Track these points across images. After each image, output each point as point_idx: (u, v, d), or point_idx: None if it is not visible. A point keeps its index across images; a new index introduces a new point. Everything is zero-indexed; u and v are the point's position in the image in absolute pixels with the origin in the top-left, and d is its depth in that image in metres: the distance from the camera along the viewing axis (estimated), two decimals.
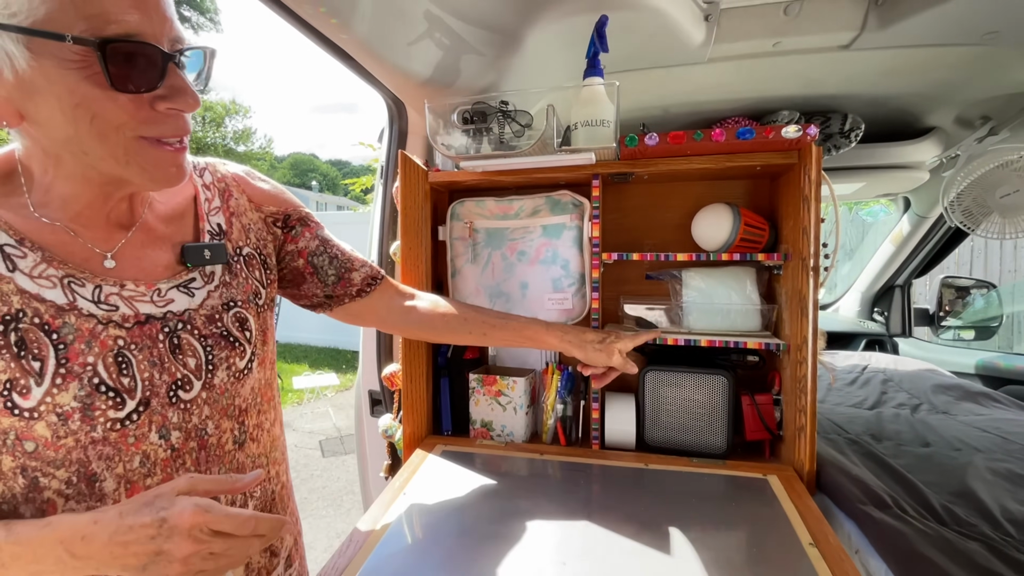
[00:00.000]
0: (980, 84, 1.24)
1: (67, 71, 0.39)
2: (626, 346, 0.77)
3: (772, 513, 0.75)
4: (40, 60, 0.39)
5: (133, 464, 0.47)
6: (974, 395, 1.52)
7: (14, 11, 0.37)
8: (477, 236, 1.12)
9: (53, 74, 0.39)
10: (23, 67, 0.39)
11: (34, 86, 0.39)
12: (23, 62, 0.38)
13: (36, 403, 0.42)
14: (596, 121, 0.86)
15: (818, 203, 0.83)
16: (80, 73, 0.39)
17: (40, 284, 0.44)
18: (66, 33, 0.38)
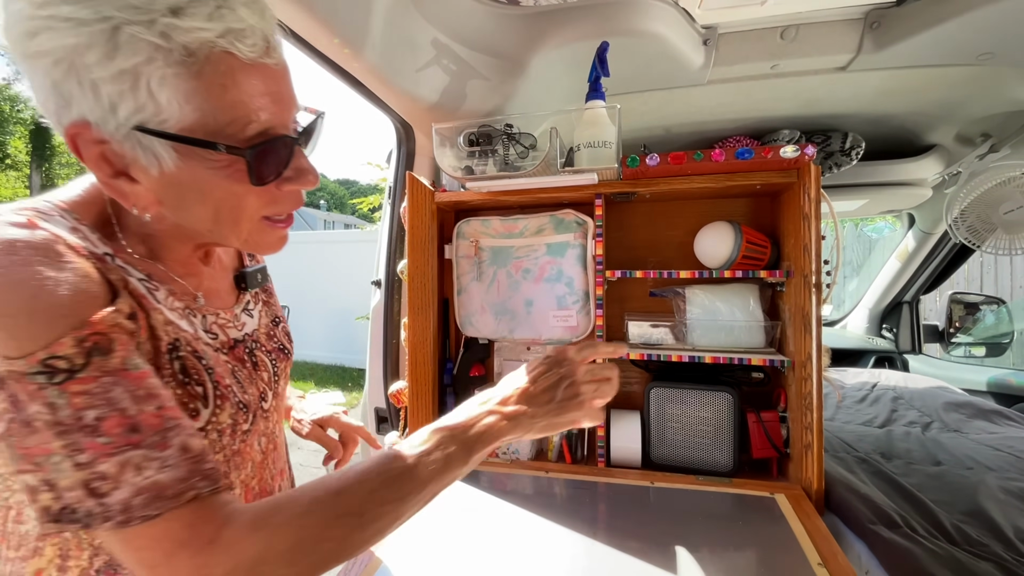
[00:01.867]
0: (979, 103, 1.26)
1: (211, 170, 0.42)
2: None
3: (780, 532, 0.74)
4: (186, 160, 0.41)
5: (247, 469, 0.54)
6: (986, 413, 1.50)
7: (164, 118, 0.39)
8: (483, 254, 1.13)
9: (198, 173, 0.42)
10: (170, 166, 0.41)
11: (178, 181, 0.42)
12: (170, 162, 0.41)
13: (203, 423, 0.46)
14: (598, 142, 0.89)
15: (818, 220, 0.85)
16: (223, 172, 0.42)
17: (175, 316, 0.47)
18: (217, 142, 0.40)
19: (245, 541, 0.38)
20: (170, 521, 0.37)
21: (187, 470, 0.38)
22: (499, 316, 1.12)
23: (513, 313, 1.11)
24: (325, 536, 0.40)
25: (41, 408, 0.35)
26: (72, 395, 0.36)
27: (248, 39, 0.39)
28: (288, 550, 0.38)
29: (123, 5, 0.36)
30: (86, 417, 0.36)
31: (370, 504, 0.42)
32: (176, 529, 0.37)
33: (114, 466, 0.36)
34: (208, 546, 0.37)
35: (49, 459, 0.35)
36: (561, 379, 0.53)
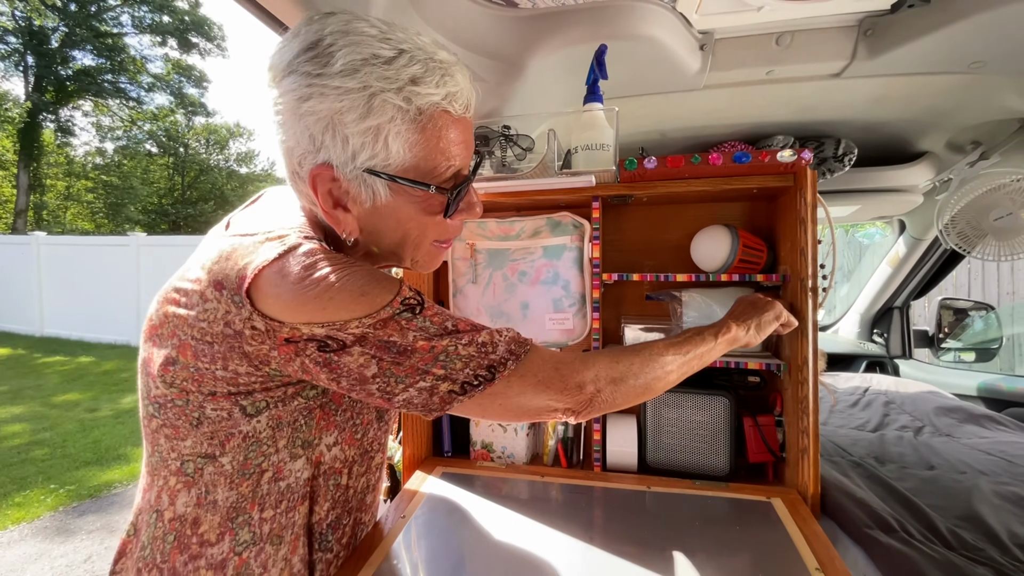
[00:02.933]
0: (970, 110, 1.27)
1: (411, 204, 0.54)
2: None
3: (777, 537, 0.74)
4: (396, 196, 0.53)
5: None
6: (977, 417, 1.51)
7: (390, 162, 0.51)
8: (478, 257, 1.13)
9: (400, 205, 0.54)
10: (382, 200, 0.53)
11: (381, 212, 0.54)
12: (383, 197, 0.53)
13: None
14: (596, 145, 0.89)
15: (814, 225, 0.85)
16: (420, 205, 0.54)
17: None
18: (428, 182, 0.53)
19: (603, 360, 0.58)
20: (542, 353, 0.55)
21: (516, 331, 0.56)
22: (495, 319, 1.11)
23: (509, 316, 1.10)
24: (642, 378, 0.60)
25: (417, 332, 0.50)
26: (431, 316, 0.51)
27: (459, 100, 0.52)
28: (628, 372, 0.59)
29: (380, 77, 0.48)
30: (447, 325, 0.52)
31: (671, 359, 0.63)
32: (548, 356, 0.55)
33: (485, 336, 0.53)
34: (577, 361, 0.57)
35: (437, 360, 0.50)
36: (757, 305, 0.78)
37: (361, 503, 0.67)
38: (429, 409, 0.51)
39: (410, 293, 0.51)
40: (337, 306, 0.47)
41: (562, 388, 0.54)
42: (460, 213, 0.58)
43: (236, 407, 0.52)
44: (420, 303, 0.51)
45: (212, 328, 0.49)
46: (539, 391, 0.53)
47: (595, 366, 0.57)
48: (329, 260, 0.50)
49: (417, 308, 0.50)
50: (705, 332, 0.69)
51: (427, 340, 0.49)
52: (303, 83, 0.48)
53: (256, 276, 0.48)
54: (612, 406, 0.58)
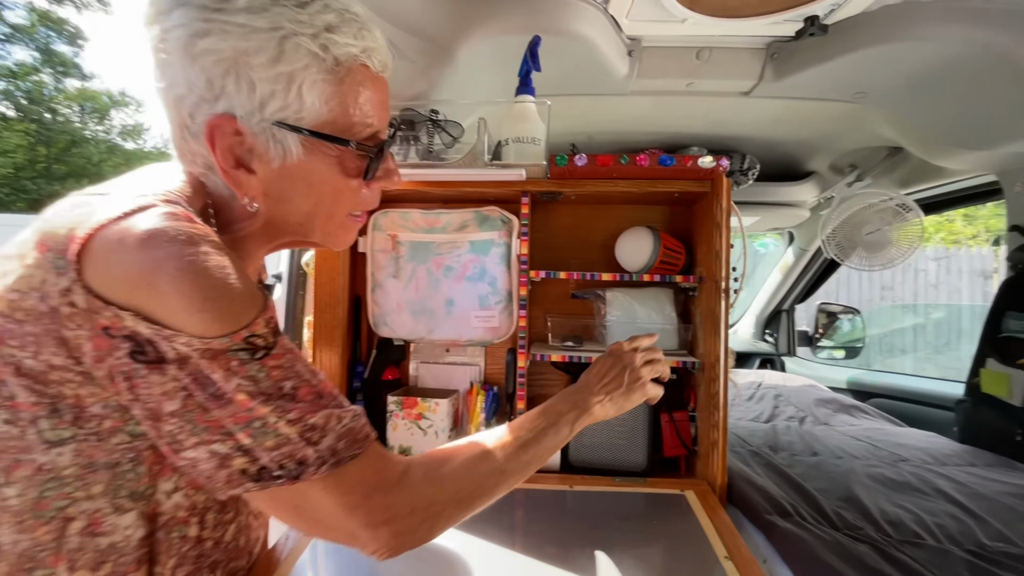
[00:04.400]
0: (850, 137, 1.44)
1: (327, 165, 0.47)
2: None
3: (690, 528, 0.77)
4: (309, 155, 0.46)
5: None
6: (847, 408, 1.72)
7: (303, 115, 0.44)
8: (401, 249, 1.06)
9: (314, 166, 0.47)
10: (293, 159, 0.46)
11: (292, 174, 0.47)
12: (295, 155, 0.46)
13: None
14: (527, 138, 0.87)
15: (728, 230, 0.90)
16: (337, 167, 0.48)
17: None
18: (348, 139, 0.47)
19: (420, 486, 0.46)
20: (364, 466, 0.44)
21: (363, 421, 0.45)
22: (417, 316, 1.05)
23: (432, 312, 1.05)
24: (479, 485, 0.50)
25: (243, 380, 0.39)
26: (271, 368, 0.41)
27: (378, 56, 0.48)
28: (452, 496, 0.48)
29: (292, 19, 0.42)
30: (285, 387, 0.41)
31: (508, 462, 0.52)
32: (369, 474, 0.44)
33: (321, 419, 0.42)
34: (395, 488, 0.45)
35: (249, 425, 0.39)
36: (624, 368, 0.65)
37: (232, 551, 0.53)
38: (212, 483, 0.40)
39: (263, 330, 0.41)
40: (176, 306, 0.37)
41: (368, 518, 0.43)
42: (379, 180, 0.52)
43: (32, 427, 0.39)
44: (267, 347, 0.41)
45: (24, 301, 0.38)
46: (341, 514, 0.42)
47: (415, 493, 0.46)
48: (191, 238, 0.39)
49: (260, 352, 0.40)
50: (560, 421, 0.58)
51: (250, 396, 0.39)
52: (198, 17, 0.40)
53: (90, 237, 0.37)
54: (422, 541, 0.46)
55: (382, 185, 0.53)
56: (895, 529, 0.79)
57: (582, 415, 0.60)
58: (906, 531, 0.79)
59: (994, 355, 1.23)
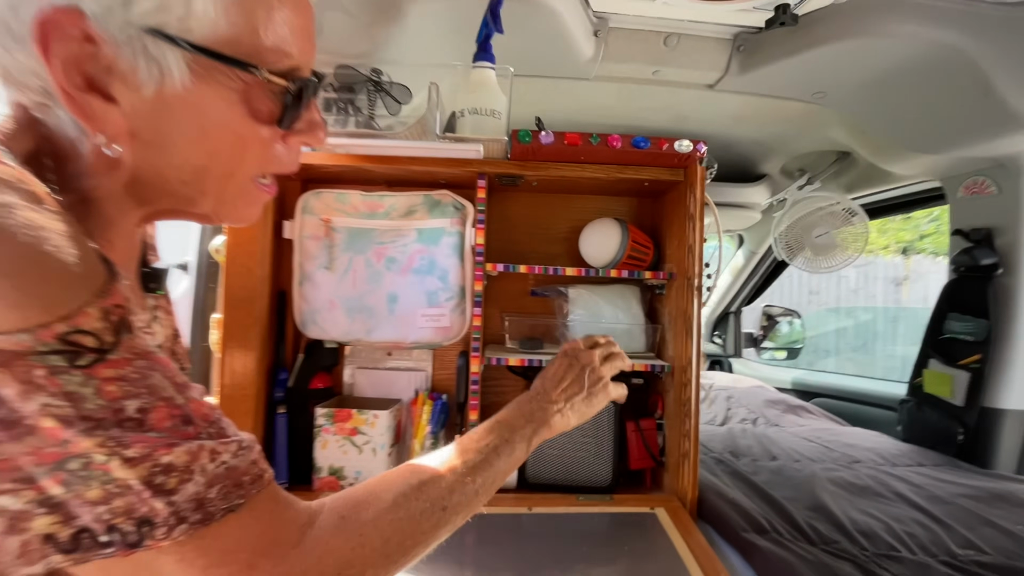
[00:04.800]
0: (804, 139, 1.45)
1: (226, 101, 0.35)
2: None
3: (664, 553, 0.69)
4: (200, 84, 0.33)
5: None
6: (794, 408, 1.74)
7: (191, 26, 0.32)
8: (336, 236, 0.91)
9: (207, 101, 0.34)
10: (175, 86, 0.33)
11: (175, 108, 0.34)
12: (178, 81, 0.33)
13: None
14: (486, 110, 0.75)
15: (702, 222, 0.83)
16: (240, 106, 0.35)
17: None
18: (259, 65, 0.34)
19: (332, 542, 0.34)
20: (248, 521, 0.31)
21: (252, 456, 0.32)
22: (354, 314, 0.90)
23: (372, 310, 0.91)
24: (414, 530, 0.38)
25: (53, 399, 0.25)
26: (104, 382, 0.27)
27: None
28: (378, 550, 0.36)
29: None
30: (127, 409, 0.28)
31: (452, 494, 0.41)
32: (255, 532, 0.31)
33: (182, 456, 0.28)
34: (293, 550, 0.32)
35: (61, 466, 0.25)
36: (582, 369, 0.57)
37: None
38: (23, 556, 0.27)
39: (96, 324, 0.27)
40: None
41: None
42: (299, 134, 0.40)
43: None
44: (101, 350, 0.27)
45: None
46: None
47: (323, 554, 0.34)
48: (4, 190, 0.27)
49: (87, 358, 0.27)
50: (514, 438, 0.48)
51: (63, 423, 0.26)
52: None
53: None
54: None
55: (303, 140, 0.41)
56: (869, 541, 0.75)
57: (540, 428, 0.51)
58: (880, 543, 0.75)
59: (936, 356, 1.27)
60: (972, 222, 1.21)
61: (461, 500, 0.42)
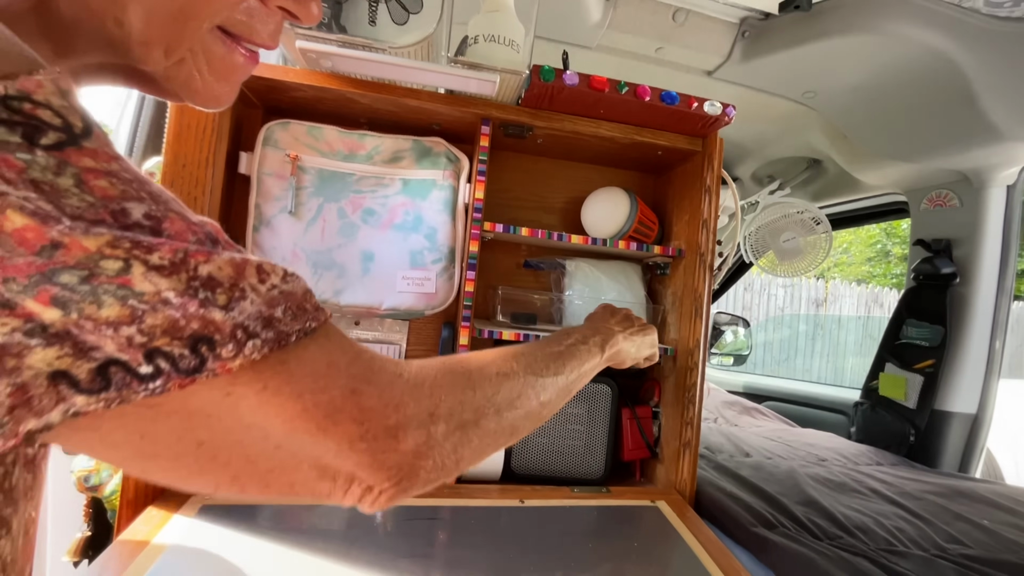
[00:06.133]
0: (783, 142, 1.47)
1: None
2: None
3: (674, 548, 0.62)
4: None
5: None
6: (749, 410, 1.77)
7: None
8: (304, 177, 0.76)
9: None
10: None
11: None
12: None
13: None
14: (504, 39, 0.65)
15: (718, 196, 0.78)
16: None
17: None
18: None
19: (442, 380, 0.30)
20: (331, 348, 0.26)
21: (305, 286, 0.26)
22: (320, 270, 0.76)
23: (343, 268, 0.77)
24: (519, 394, 0.35)
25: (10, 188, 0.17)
26: (86, 172, 0.19)
27: None
28: (488, 398, 0.32)
29: None
30: (131, 212, 0.20)
31: (547, 371, 0.39)
32: (344, 361, 0.26)
33: (225, 267, 0.21)
34: (398, 380, 0.27)
35: (52, 278, 0.18)
36: (627, 314, 0.57)
37: None
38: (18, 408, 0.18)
39: (55, 98, 0.19)
40: None
41: (360, 430, 0.25)
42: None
43: None
44: (71, 129, 0.19)
45: None
46: (302, 425, 0.24)
47: (434, 388, 0.29)
48: None
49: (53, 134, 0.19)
50: (589, 341, 0.47)
51: (42, 221, 0.18)
52: None
53: None
54: (448, 473, 0.29)
55: (286, 5, 0.31)
56: (867, 536, 0.73)
57: (608, 340, 0.50)
58: (878, 538, 0.72)
59: (893, 360, 1.32)
60: (933, 233, 1.28)
61: (554, 382, 0.39)
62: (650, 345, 0.58)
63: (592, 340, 0.48)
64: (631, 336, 0.55)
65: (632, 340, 0.54)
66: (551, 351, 0.42)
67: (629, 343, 0.54)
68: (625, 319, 0.57)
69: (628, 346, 0.54)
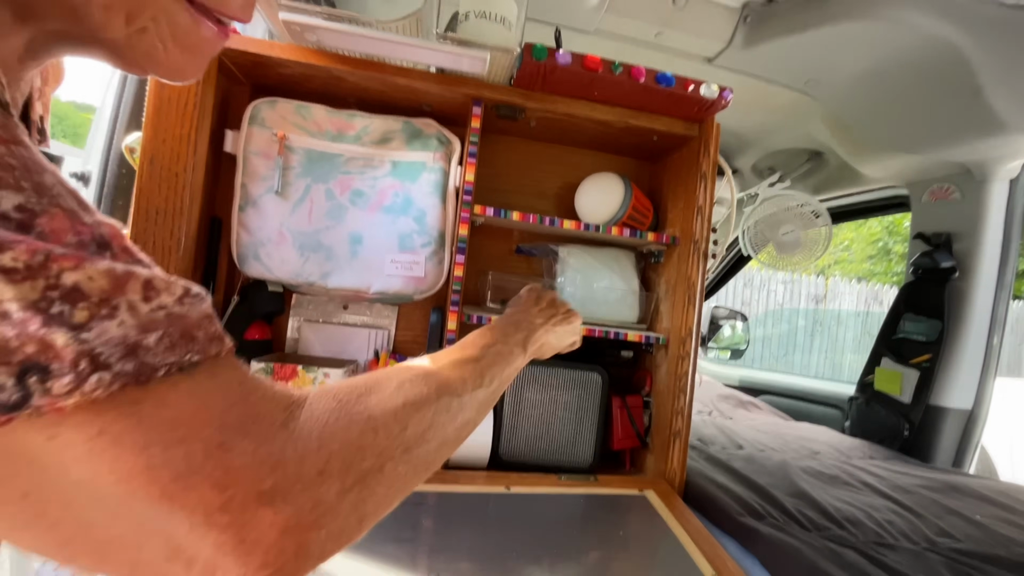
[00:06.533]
0: (784, 133, 1.45)
1: None
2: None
3: (660, 537, 0.61)
4: None
5: None
6: (744, 403, 1.77)
7: None
8: (292, 157, 0.75)
9: None
10: None
11: None
12: None
13: None
14: (494, 16, 0.63)
15: (714, 183, 0.76)
16: None
17: None
18: None
19: (334, 425, 0.24)
20: (212, 388, 0.21)
21: (204, 308, 0.22)
22: (307, 252, 0.75)
23: (330, 250, 0.76)
24: (431, 424, 0.30)
25: None
26: None
27: None
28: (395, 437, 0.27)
29: None
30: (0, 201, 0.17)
31: (464, 389, 0.34)
32: (221, 405, 0.21)
33: (98, 277, 0.18)
34: (281, 431, 0.22)
35: None
36: (551, 300, 0.54)
37: None
38: None
39: None
40: None
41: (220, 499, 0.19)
42: None
43: None
44: None
45: None
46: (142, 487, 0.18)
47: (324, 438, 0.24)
48: None
49: None
50: (510, 341, 0.43)
51: None
52: None
53: None
54: (347, 539, 0.24)
55: None
56: (857, 528, 0.72)
57: (531, 337, 0.47)
58: (867, 531, 0.72)
59: (889, 354, 1.31)
60: (934, 227, 1.26)
61: (475, 398, 0.35)
62: (572, 332, 0.54)
63: (513, 339, 0.44)
64: (553, 327, 0.51)
65: (555, 331, 0.51)
66: (469, 361, 0.37)
67: (552, 335, 0.50)
68: (549, 306, 0.53)
69: (551, 338, 0.50)
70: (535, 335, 0.47)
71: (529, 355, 0.46)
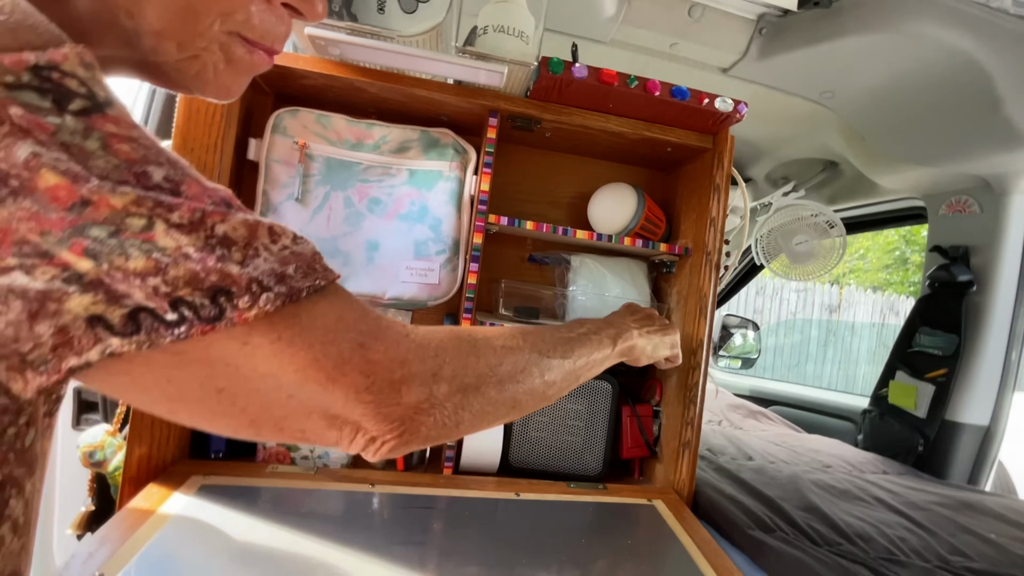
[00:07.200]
0: (799, 143, 1.44)
1: None
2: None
3: (668, 547, 0.61)
4: None
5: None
6: (754, 413, 1.75)
7: None
8: (312, 165, 0.77)
9: None
10: None
11: None
12: None
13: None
14: (513, 30, 0.65)
15: (727, 194, 0.77)
16: None
17: None
18: None
19: (447, 344, 0.32)
20: (341, 307, 0.28)
21: (313, 247, 0.29)
22: (325, 258, 0.76)
23: (348, 257, 0.77)
24: (522, 369, 0.36)
25: (44, 150, 0.19)
26: (110, 137, 0.21)
27: None
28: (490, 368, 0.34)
29: None
30: (152, 175, 0.22)
31: (554, 353, 0.39)
32: (352, 319, 0.28)
33: (238, 227, 0.24)
34: (405, 339, 0.30)
35: (83, 232, 0.20)
36: (650, 314, 0.58)
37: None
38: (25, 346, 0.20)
39: (79, 69, 0.21)
40: None
41: (366, 382, 0.27)
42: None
43: None
44: (94, 97, 0.21)
45: None
46: (312, 374, 0.26)
47: (439, 350, 0.31)
48: None
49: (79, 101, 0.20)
50: (601, 332, 0.48)
51: (73, 180, 0.19)
52: None
53: None
54: (448, 432, 0.31)
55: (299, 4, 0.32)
56: (868, 544, 0.71)
57: (622, 335, 0.51)
58: (879, 547, 0.71)
59: (904, 368, 1.29)
60: (951, 240, 1.25)
61: (561, 366, 0.40)
62: (669, 346, 0.58)
63: (604, 331, 0.48)
64: (648, 334, 0.55)
65: (649, 338, 0.54)
66: (560, 335, 0.43)
67: (645, 340, 0.54)
68: (646, 318, 0.57)
69: (643, 343, 0.54)
70: (626, 334, 0.51)
71: (618, 352, 0.50)
